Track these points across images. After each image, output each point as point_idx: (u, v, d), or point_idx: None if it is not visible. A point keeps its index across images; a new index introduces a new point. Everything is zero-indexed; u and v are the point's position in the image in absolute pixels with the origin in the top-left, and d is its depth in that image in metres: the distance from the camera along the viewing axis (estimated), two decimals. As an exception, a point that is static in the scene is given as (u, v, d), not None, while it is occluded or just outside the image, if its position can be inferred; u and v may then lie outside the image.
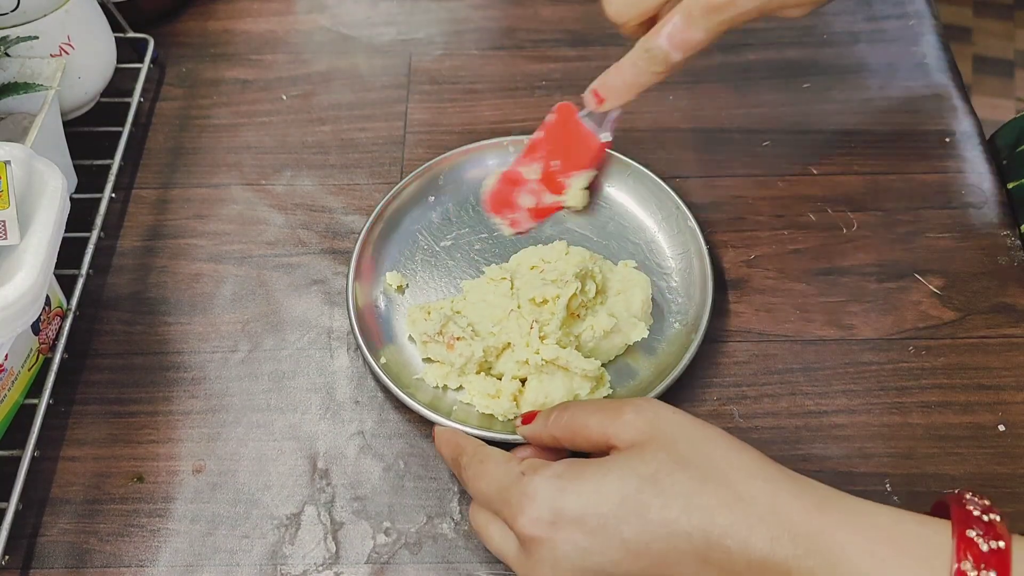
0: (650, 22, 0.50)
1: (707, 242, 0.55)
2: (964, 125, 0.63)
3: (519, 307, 0.52)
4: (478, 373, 0.52)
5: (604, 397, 0.51)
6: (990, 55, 1.83)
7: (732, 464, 0.39)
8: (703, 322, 0.52)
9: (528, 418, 0.46)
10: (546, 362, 0.50)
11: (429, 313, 0.53)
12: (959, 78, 0.67)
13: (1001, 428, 0.51)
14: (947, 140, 0.63)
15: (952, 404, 0.51)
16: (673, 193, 0.57)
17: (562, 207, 0.58)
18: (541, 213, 0.58)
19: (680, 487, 0.38)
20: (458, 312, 0.54)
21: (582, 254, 0.54)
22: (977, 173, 0.61)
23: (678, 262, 0.56)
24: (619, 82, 0.53)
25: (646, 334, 0.52)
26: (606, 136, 0.57)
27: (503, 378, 0.51)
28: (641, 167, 0.59)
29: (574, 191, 0.58)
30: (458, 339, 0.51)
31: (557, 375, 0.50)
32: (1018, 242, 0.57)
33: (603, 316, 0.52)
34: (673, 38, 0.48)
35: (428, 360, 0.53)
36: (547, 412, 0.45)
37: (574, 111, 0.57)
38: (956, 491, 0.39)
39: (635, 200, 0.59)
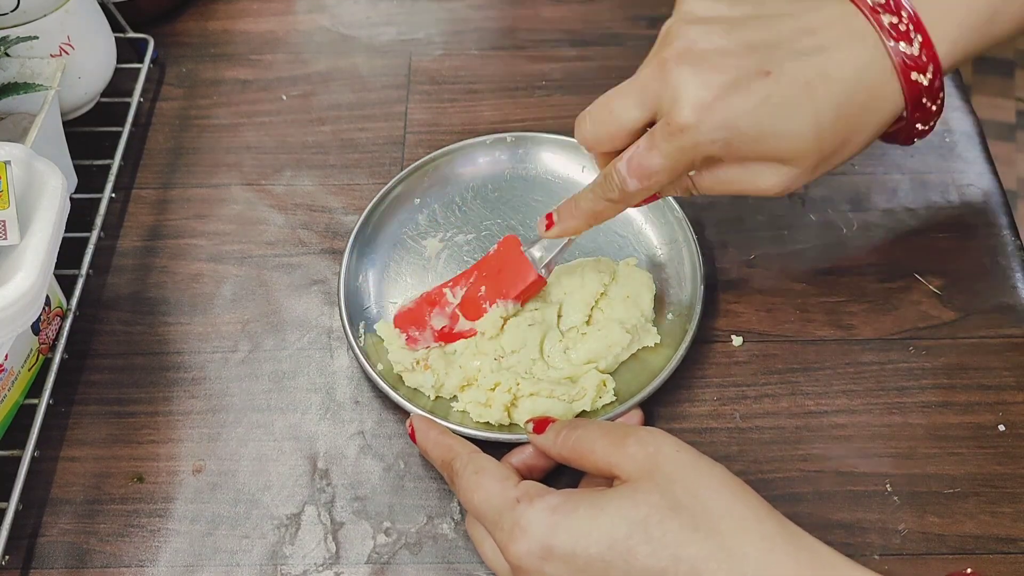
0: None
1: (702, 237, 0.55)
2: (964, 125, 0.63)
3: (501, 330, 0.52)
4: (463, 389, 0.51)
5: (607, 404, 0.50)
6: (990, 55, 1.83)
7: (727, 513, 0.38)
8: (696, 311, 0.52)
9: (540, 426, 0.46)
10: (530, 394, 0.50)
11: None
12: (959, 78, 0.67)
13: (1001, 428, 0.51)
14: (947, 140, 0.63)
15: (952, 404, 0.51)
16: None
17: (475, 333, 0.52)
18: (447, 338, 0.53)
19: (670, 536, 0.38)
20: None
21: (595, 278, 0.54)
22: (977, 173, 0.61)
23: (667, 252, 0.56)
24: (572, 208, 0.49)
25: (658, 339, 0.53)
26: (544, 272, 0.52)
27: (496, 389, 0.50)
28: None
29: (491, 318, 0.52)
30: (427, 359, 0.52)
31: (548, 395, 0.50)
32: (1018, 242, 0.58)
33: (618, 331, 0.52)
34: (631, 162, 0.45)
35: (414, 391, 0.52)
36: (557, 427, 0.45)
37: (518, 243, 0.52)
38: (968, 571, 0.39)
39: None
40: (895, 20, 0.43)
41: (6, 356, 0.47)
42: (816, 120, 0.43)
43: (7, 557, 0.46)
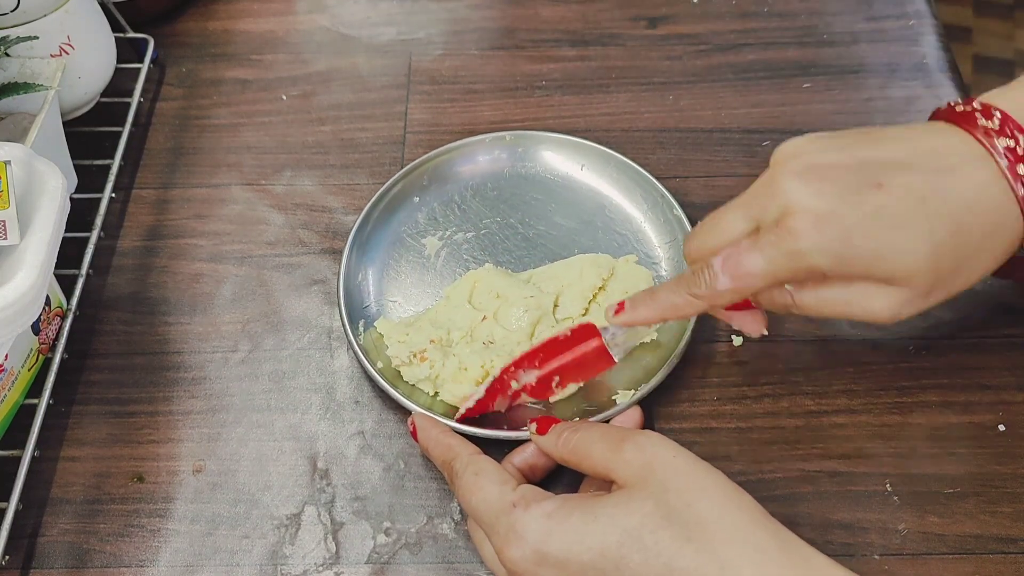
0: None
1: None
2: (964, 125, 0.63)
3: (495, 316, 0.53)
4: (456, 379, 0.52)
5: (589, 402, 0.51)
6: (990, 55, 1.83)
7: (721, 523, 0.38)
8: None
9: (543, 427, 0.46)
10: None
11: (408, 334, 0.53)
12: (959, 78, 0.67)
13: (1001, 428, 0.50)
14: (947, 140, 0.63)
15: (952, 404, 0.51)
16: (657, 182, 0.58)
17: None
18: (509, 401, 0.51)
19: (661, 546, 0.38)
20: (435, 323, 0.53)
21: (595, 272, 0.54)
22: (977, 173, 0.61)
23: (666, 251, 0.56)
24: (647, 298, 0.46)
25: (655, 335, 0.53)
26: (618, 356, 0.50)
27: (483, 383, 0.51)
28: (624, 158, 0.59)
29: (562, 396, 0.51)
30: (424, 351, 0.51)
31: None
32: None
33: None
34: (728, 259, 0.42)
35: (412, 387, 0.52)
36: (559, 429, 0.45)
37: (599, 335, 0.49)
38: None
39: (620, 192, 0.59)
40: (1012, 144, 0.41)
41: (6, 356, 0.47)
42: (931, 237, 0.40)
43: (7, 557, 0.46)
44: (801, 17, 0.71)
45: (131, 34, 0.68)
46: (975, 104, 0.43)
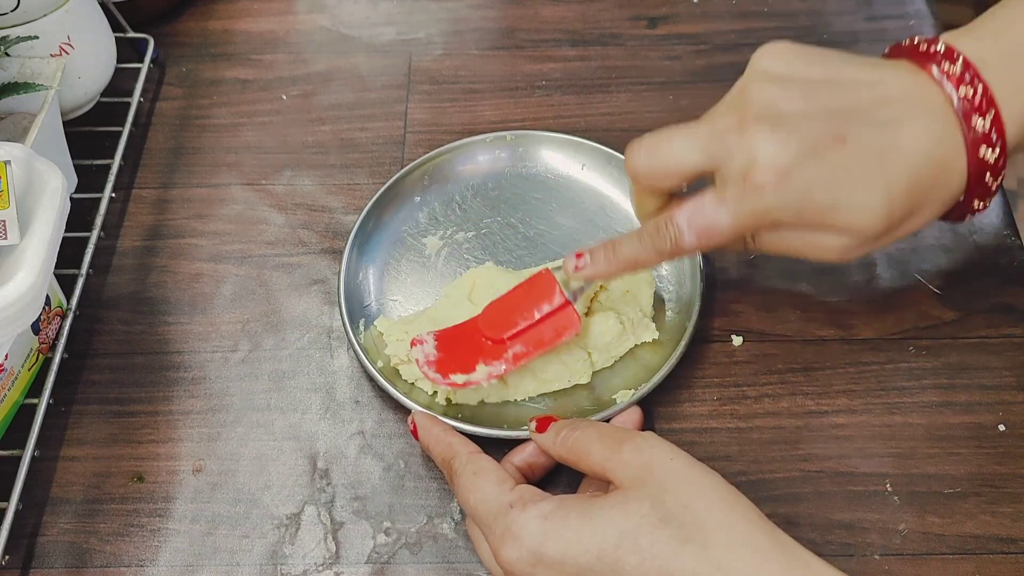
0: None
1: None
2: (964, 125, 0.63)
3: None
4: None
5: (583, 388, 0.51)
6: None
7: (719, 525, 0.38)
8: (695, 308, 0.52)
9: (542, 425, 0.46)
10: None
11: (407, 332, 0.53)
12: (959, 78, 0.67)
13: (1001, 428, 0.50)
14: (947, 140, 0.62)
15: (952, 404, 0.51)
16: None
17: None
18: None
19: (659, 547, 0.38)
20: (434, 320, 0.53)
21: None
22: (977, 173, 0.61)
23: None
24: (609, 252, 0.46)
25: (657, 335, 0.53)
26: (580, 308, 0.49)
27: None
28: (623, 157, 0.59)
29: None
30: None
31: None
32: (1018, 242, 0.58)
33: (612, 321, 0.52)
34: (694, 217, 0.43)
35: (412, 385, 0.52)
36: (558, 427, 0.45)
37: (554, 281, 0.49)
38: None
39: (620, 191, 0.59)
40: (970, 93, 0.41)
41: (6, 356, 0.47)
42: (887, 192, 0.41)
43: (7, 557, 0.46)
44: (801, 17, 0.71)
45: (131, 34, 0.68)
46: (938, 47, 0.43)
